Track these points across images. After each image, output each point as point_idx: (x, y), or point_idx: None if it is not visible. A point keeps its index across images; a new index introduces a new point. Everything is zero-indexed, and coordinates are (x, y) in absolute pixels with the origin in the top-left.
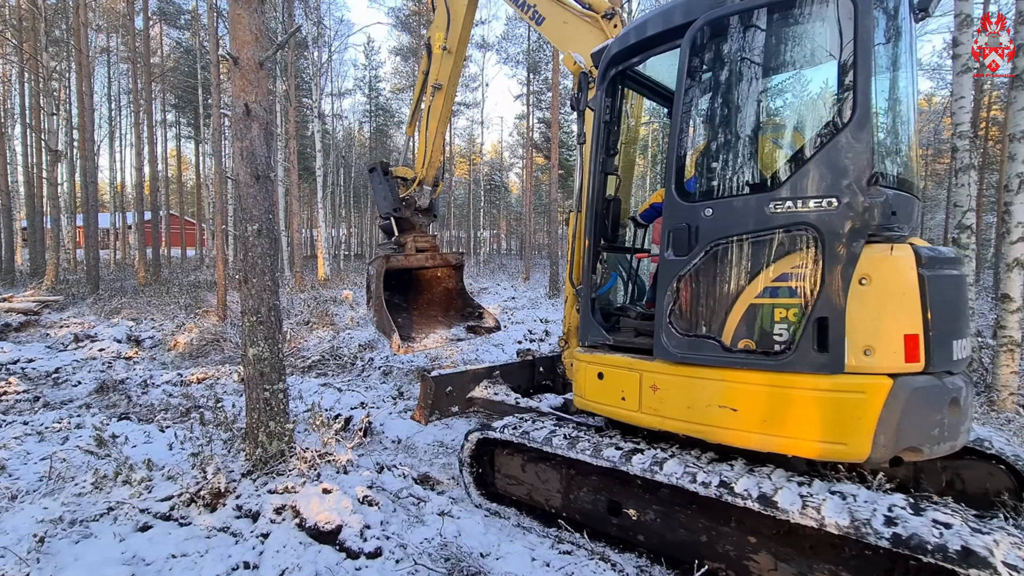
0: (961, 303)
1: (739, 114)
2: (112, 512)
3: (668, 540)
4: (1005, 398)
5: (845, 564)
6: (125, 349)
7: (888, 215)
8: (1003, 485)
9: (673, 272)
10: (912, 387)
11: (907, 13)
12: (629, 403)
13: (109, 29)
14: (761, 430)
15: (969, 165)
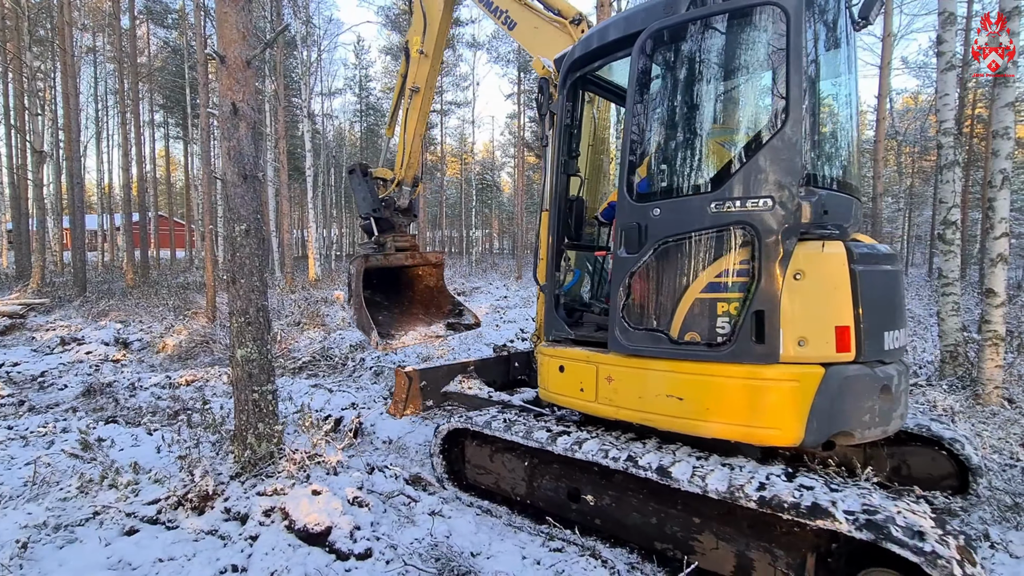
0: (894, 297)
1: (683, 119)
2: (98, 516)
3: (623, 524)
4: (990, 392)
5: (777, 541)
6: (113, 352)
7: (820, 214)
8: (945, 470)
9: (625, 269)
10: (843, 375)
11: (846, 22)
12: (587, 394)
13: (95, 28)
14: (704, 418)
15: (954, 162)
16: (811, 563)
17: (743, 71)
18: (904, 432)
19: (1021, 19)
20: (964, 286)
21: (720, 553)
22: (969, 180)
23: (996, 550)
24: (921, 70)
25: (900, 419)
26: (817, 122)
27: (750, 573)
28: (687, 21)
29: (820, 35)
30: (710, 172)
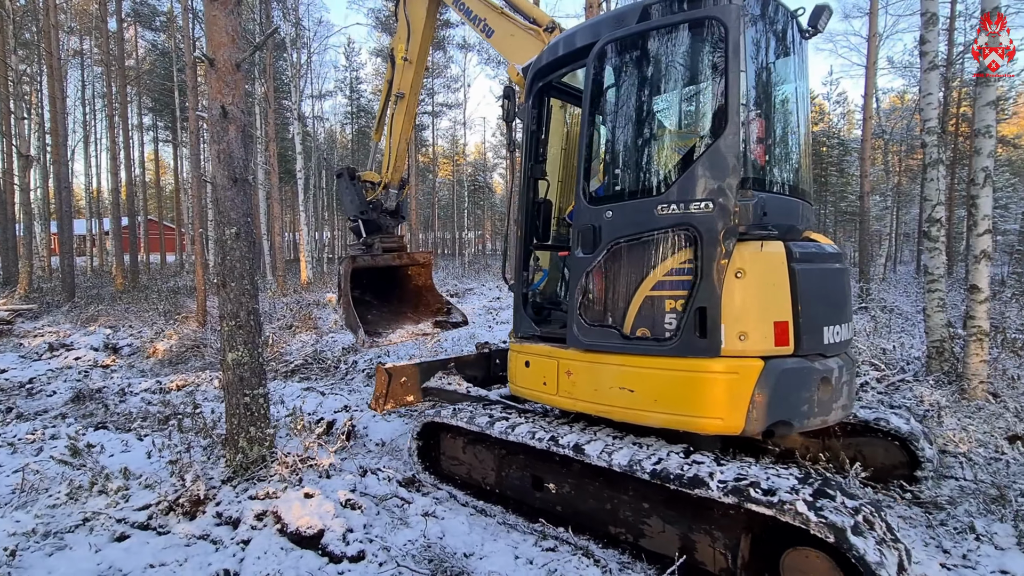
0: (837, 294)
1: (632, 125)
2: (87, 523)
3: (581, 510)
4: (976, 386)
5: (717, 523)
6: (102, 357)
7: (760, 215)
8: (898, 459)
9: (581, 268)
10: (781, 368)
11: (793, 32)
12: (549, 388)
13: (82, 31)
14: (652, 408)
15: (938, 160)
16: (745, 544)
17: (686, 81)
18: (863, 424)
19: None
20: (951, 283)
21: (667, 536)
22: (955, 178)
23: (981, 542)
24: (907, 69)
25: (843, 410)
26: (757, 128)
27: (693, 554)
28: (635, 33)
29: (762, 45)
30: (656, 176)
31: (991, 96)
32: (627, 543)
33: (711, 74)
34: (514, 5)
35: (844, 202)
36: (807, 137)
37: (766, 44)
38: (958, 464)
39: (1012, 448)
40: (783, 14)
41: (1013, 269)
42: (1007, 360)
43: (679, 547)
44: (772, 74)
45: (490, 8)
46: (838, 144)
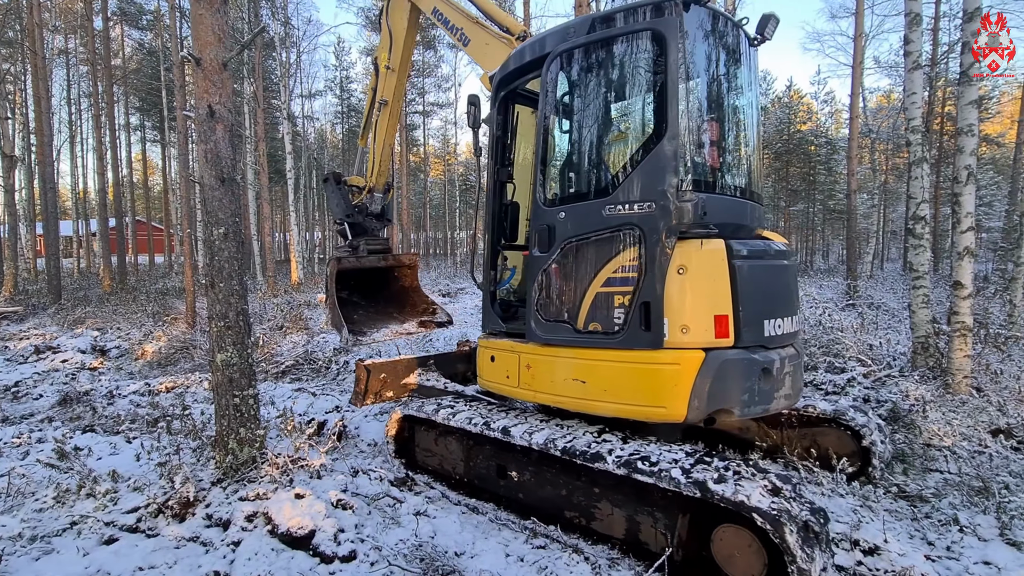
0: (780, 289)
1: (582, 131)
2: (75, 526)
3: (540, 495)
4: (959, 381)
5: (656, 505)
6: (90, 360)
7: (700, 215)
8: (850, 449)
9: (538, 267)
10: (722, 359)
11: (739, 40)
12: (511, 381)
13: (67, 30)
14: (602, 398)
15: (922, 158)
16: (682, 523)
17: (630, 89)
18: (821, 415)
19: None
20: (936, 279)
21: (615, 518)
22: (940, 176)
23: (965, 534)
24: (892, 69)
25: (785, 399)
26: (699, 133)
27: (638, 534)
28: (583, 45)
29: (706, 55)
30: (604, 179)
31: (973, 95)
32: (580, 526)
33: (652, 83)
34: (489, 15)
35: (832, 200)
36: (757, 141)
37: (710, 53)
38: (943, 457)
39: (995, 442)
40: (727, 25)
41: (997, 266)
42: (990, 355)
43: (625, 529)
44: (717, 81)
45: (466, 18)
46: (826, 143)
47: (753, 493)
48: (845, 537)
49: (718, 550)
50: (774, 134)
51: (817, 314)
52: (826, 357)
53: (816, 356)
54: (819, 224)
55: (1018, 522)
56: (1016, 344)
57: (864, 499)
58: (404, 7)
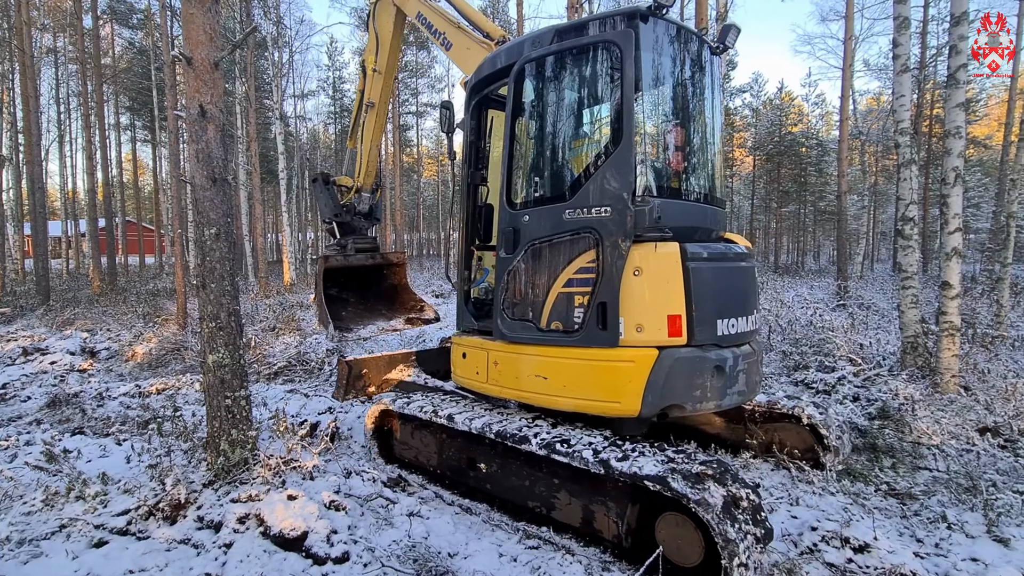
0: (735, 290)
1: (544, 138)
2: (64, 529)
3: (506, 485)
4: (948, 380)
5: (609, 495)
6: (79, 361)
7: (654, 220)
8: (808, 443)
9: (504, 267)
10: (674, 357)
11: (700, 50)
12: (480, 376)
13: (55, 28)
14: (562, 394)
15: (910, 160)
16: (631, 512)
17: (590, 97)
18: (782, 411)
19: (969, 23)
20: (925, 280)
21: (572, 508)
22: (928, 178)
23: (953, 531)
24: (881, 72)
25: (739, 395)
26: (657, 140)
27: (592, 522)
28: (547, 55)
29: (665, 64)
30: (564, 184)
31: (961, 98)
32: (541, 515)
33: (610, 92)
34: (470, 20)
35: (823, 202)
36: (719, 147)
37: (668, 63)
38: (931, 456)
39: (983, 440)
40: (687, 36)
41: (984, 266)
42: (978, 355)
43: (581, 518)
44: (676, 90)
45: (449, 23)
46: (816, 145)
47: (647, 465)
48: (836, 535)
49: (661, 537)
50: (765, 136)
51: (808, 314)
52: (817, 356)
53: (808, 355)
54: (810, 225)
55: (1005, 519)
56: (1003, 344)
57: (855, 497)
58: (390, 11)
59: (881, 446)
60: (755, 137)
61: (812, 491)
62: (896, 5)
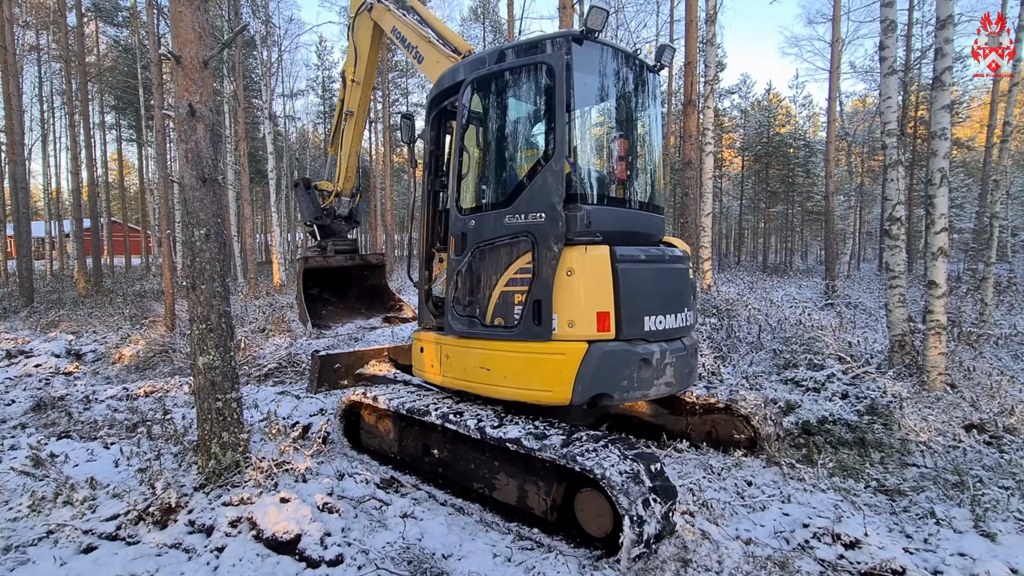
0: (666, 289)
1: (489, 149)
2: (52, 535)
3: (456, 470)
4: (935, 378)
5: (538, 475)
6: (64, 364)
7: (585, 225)
8: (745, 433)
9: (454, 268)
10: (603, 350)
11: (637, 68)
12: (435, 369)
13: (38, 25)
14: (503, 384)
15: (897, 161)
16: (557, 489)
17: (527, 113)
18: (719, 404)
19: (954, 27)
20: (911, 279)
21: (509, 487)
22: (914, 179)
23: (941, 526)
24: (868, 74)
25: (666, 386)
26: (587, 153)
27: (526, 499)
28: (490, 74)
29: (596, 83)
30: (505, 192)
31: (946, 100)
32: (484, 495)
33: (544, 108)
34: (440, 35)
35: (810, 202)
36: (657, 156)
37: (602, 81)
38: (919, 452)
39: (969, 436)
40: (620, 56)
41: (968, 266)
42: (963, 352)
43: (517, 496)
44: (610, 106)
45: (421, 37)
46: (804, 146)
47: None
48: (827, 531)
49: (579, 512)
50: (754, 137)
51: (797, 313)
52: (807, 355)
53: (797, 354)
54: (798, 225)
55: (991, 514)
56: (988, 342)
57: (845, 494)
58: (368, 25)
59: (870, 441)
60: (743, 138)
61: (803, 488)
62: (883, 9)
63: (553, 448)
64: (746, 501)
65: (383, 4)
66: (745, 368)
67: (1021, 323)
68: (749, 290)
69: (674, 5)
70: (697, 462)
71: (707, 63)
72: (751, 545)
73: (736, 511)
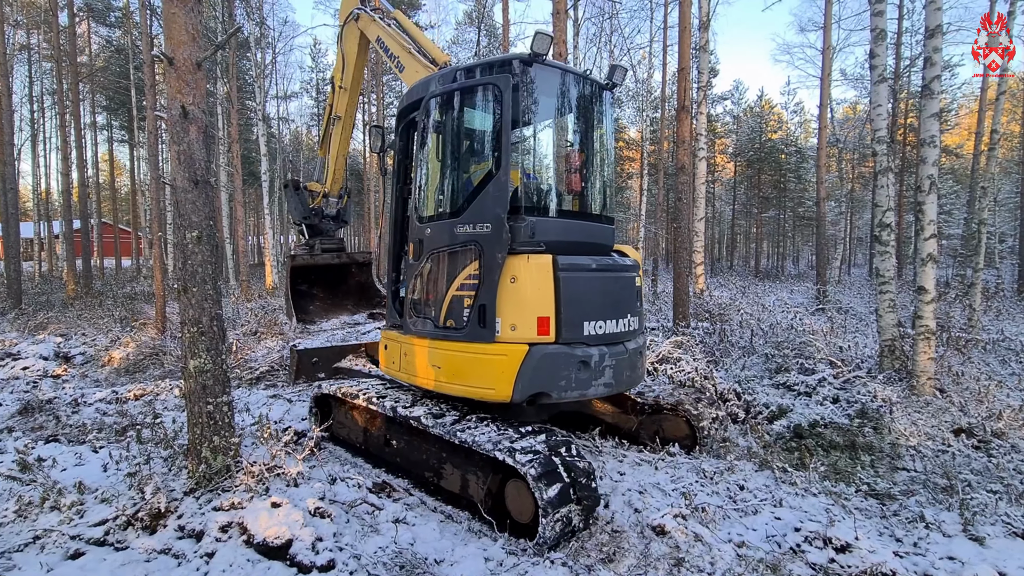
0: (609, 296)
1: (443, 162)
2: (38, 541)
3: (411, 459)
4: (924, 383)
5: (475, 464)
6: (53, 367)
7: (529, 236)
8: (685, 432)
9: (412, 272)
10: (542, 352)
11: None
12: (395, 365)
13: (29, 25)
14: (451, 381)
15: (887, 168)
16: (492, 480)
17: (477, 131)
18: (664, 405)
19: (944, 35)
20: (901, 285)
21: (453, 476)
22: (904, 185)
23: (931, 530)
24: (858, 81)
25: (605, 387)
26: (533, 167)
27: (467, 489)
28: (445, 92)
29: (545, 102)
30: (457, 203)
31: (935, 108)
32: (433, 483)
33: (492, 125)
34: (420, 46)
35: (802, 207)
36: (607, 169)
37: (549, 100)
38: (909, 456)
39: (957, 440)
40: (569, 77)
41: (957, 271)
42: (952, 357)
43: (460, 485)
44: (559, 124)
45: (403, 49)
46: (795, 152)
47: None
48: (818, 535)
49: (508, 500)
50: (746, 142)
51: (789, 318)
52: (798, 359)
53: (789, 358)
54: (790, 230)
55: (980, 518)
56: (976, 347)
57: (836, 498)
58: (356, 34)
59: (861, 445)
60: (736, 143)
61: (795, 492)
62: (873, 18)
63: (442, 426)
64: (738, 505)
65: (369, 15)
66: (737, 372)
67: (1009, 328)
68: (741, 295)
69: (668, 12)
70: (690, 466)
71: (700, 69)
72: (743, 548)
73: (729, 515)
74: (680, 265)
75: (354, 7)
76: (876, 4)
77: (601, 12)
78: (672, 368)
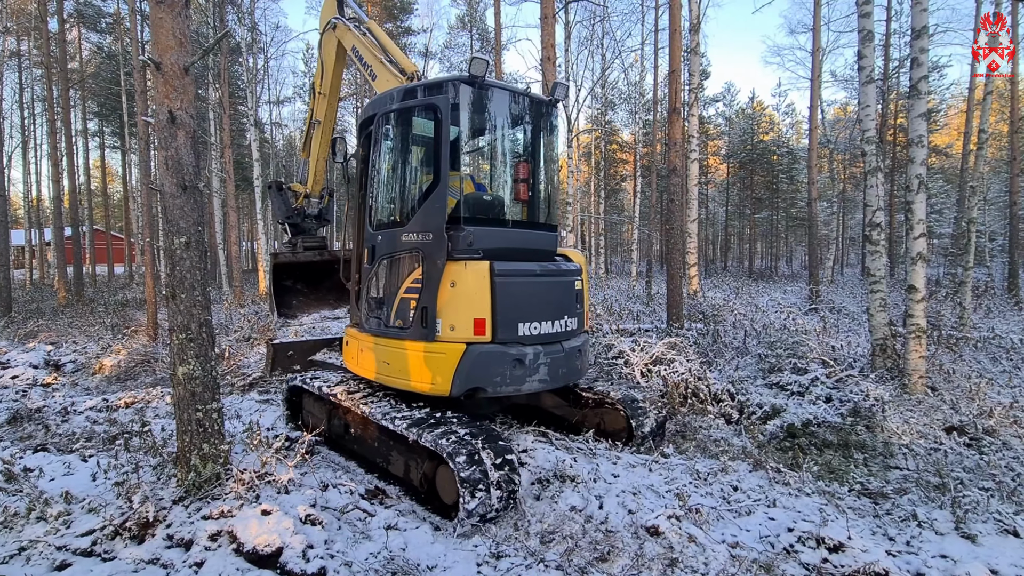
0: (542, 299)
1: (391, 174)
2: (24, 552)
3: (368, 448)
4: (915, 381)
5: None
6: (43, 375)
7: (468, 244)
8: (623, 424)
9: (367, 275)
10: (479, 351)
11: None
12: (354, 361)
13: (19, 32)
14: (397, 376)
15: (876, 168)
16: (429, 466)
17: (419, 146)
18: (608, 399)
19: (930, 36)
20: (892, 284)
21: (400, 462)
22: (894, 185)
23: (923, 528)
24: (848, 83)
25: (539, 383)
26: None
27: (409, 473)
28: (392, 111)
29: (483, 119)
30: (403, 213)
31: (923, 108)
32: (384, 469)
33: (432, 143)
34: (390, 56)
35: (794, 208)
36: (549, 179)
37: (488, 117)
38: (901, 455)
39: (949, 438)
40: (510, 95)
41: (947, 270)
42: (943, 356)
43: (403, 470)
44: (497, 138)
45: (376, 58)
46: (787, 153)
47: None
48: (811, 535)
49: (438, 483)
50: (738, 144)
51: (782, 318)
52: (791, 359)
53: (782, 358)
54: (782, 231)
55: (972, 516)
56: (967, 345)
57: (830, 497)
58: (333, 42)
59: (854, 443)
60: (728, 145)
61: (789, 492)
62: (860, 19)
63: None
64: (732, 506)
65: (345, 24)
66: (731, 373)
67: (999, 326)
68: (735, 295)
69: (659, 15)
70: (684, 468)
71: (691, 71)
72: (737, 548)
73: (722, 515)
74: (674, 266)
75: (332, 16)
76: (863, 6)
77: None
78: (666, 369)
